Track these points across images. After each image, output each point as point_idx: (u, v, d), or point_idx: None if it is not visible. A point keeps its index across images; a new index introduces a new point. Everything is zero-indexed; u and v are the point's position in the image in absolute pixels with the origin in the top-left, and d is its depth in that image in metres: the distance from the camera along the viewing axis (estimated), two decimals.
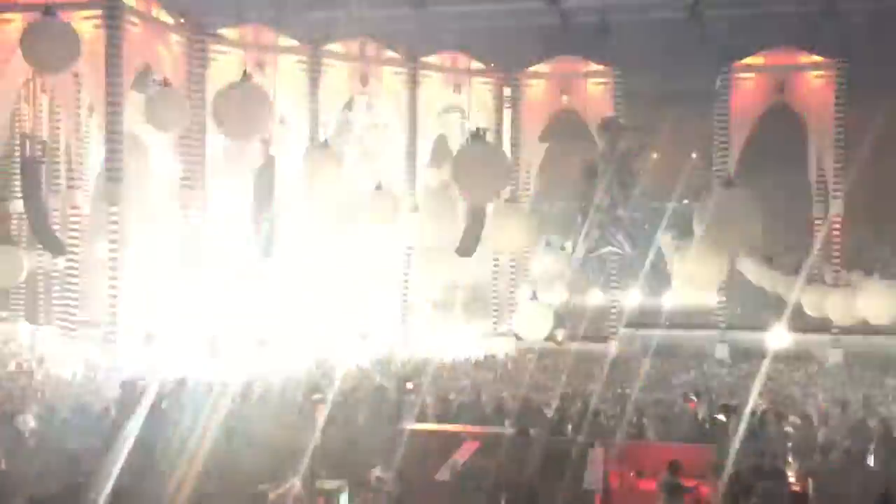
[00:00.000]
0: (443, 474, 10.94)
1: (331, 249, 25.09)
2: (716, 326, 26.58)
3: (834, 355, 24.81)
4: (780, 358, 21.40)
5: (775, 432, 13.11)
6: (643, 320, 26.54)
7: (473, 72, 27.78)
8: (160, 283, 23.28)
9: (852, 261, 25.50)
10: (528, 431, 12.31)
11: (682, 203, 27.91)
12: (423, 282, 26.81)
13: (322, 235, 25.06)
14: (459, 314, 26.99)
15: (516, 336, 24.58)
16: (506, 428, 13.14)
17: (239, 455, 11.00)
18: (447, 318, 27.09)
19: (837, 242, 25.90)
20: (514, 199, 24.78)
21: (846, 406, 15.50)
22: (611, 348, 25.08)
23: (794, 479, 11.37)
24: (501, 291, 27.69)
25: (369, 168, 27.83)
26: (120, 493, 9.06)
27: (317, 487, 10.32)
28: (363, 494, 10.66)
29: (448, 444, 12.00)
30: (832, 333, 25.10)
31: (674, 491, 9.82)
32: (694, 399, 15.93)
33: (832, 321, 23.66)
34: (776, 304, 24.65)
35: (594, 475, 10.88)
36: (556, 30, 30.03)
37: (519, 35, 29.74)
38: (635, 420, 14.00)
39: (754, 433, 12.58)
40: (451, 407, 15.26)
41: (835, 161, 25.78)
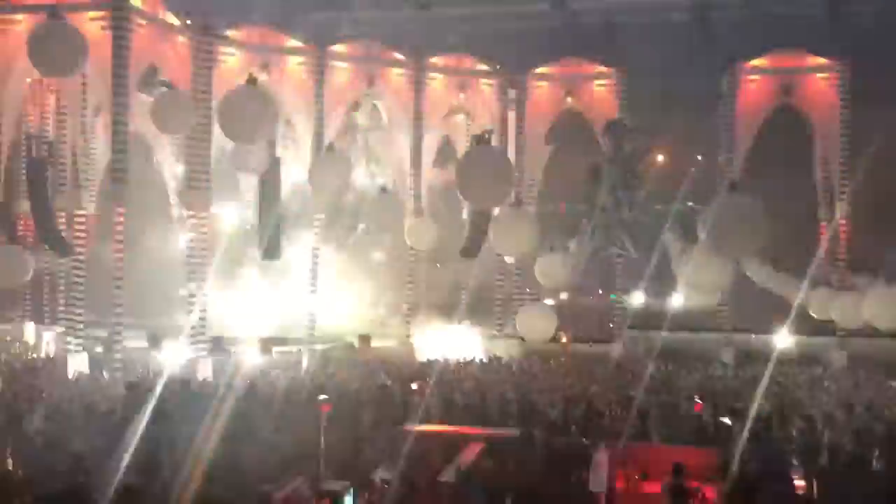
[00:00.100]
0: (447, 475, 10.95)
1: (334, 251, 25.09)
2: (721, 329, 26.51)
3: (839, 358, 24.73)
4: (785, 361, 21.33)
5: (780, 435, 13.09)
6: (648, 322, 26.45)
7: (478, 73, 27.82)
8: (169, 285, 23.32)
9: (857, 263, 25.38)
10: (533, 433, 12.32)
11: (687, 205, 27.81)
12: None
13: (325, 237, 25.06)
14: (464, 316, 26.94)
15: (521, 338, 24.54)
16: (510, 429, 13.15)
17: (244, 455, 11.02)
18: (452, 320, 27.05)
19: (843, 245, 25.82)
20: (519, 202, 24.69)
21: (851, 409, 15.46)
22: (615, 350, 25.02)
23: (800, 482, 11.36)
24: (506, 293, 27.68)
25: (374, 170, 27.84)
26: (125, 493, 9.09)
27: (322, 488, 10.33)
28: (367, 495, 10.67)
29: (452, 446, 12.01)
30: (837, 336, 25.03)
31: (678, 493, 9.81)
32: (699, 401, 15.90)
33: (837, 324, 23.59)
34: (781, 307, 24.54)
35: (599, 477, 10.90)
36: (561, 32, 30.03)
37: (524, 37, 29.72)
38: (640, 422, 13.99)
39: (759, 436, 12.56)
40: (456, 408, 15.26)
41: (840, 163, 25.75)
